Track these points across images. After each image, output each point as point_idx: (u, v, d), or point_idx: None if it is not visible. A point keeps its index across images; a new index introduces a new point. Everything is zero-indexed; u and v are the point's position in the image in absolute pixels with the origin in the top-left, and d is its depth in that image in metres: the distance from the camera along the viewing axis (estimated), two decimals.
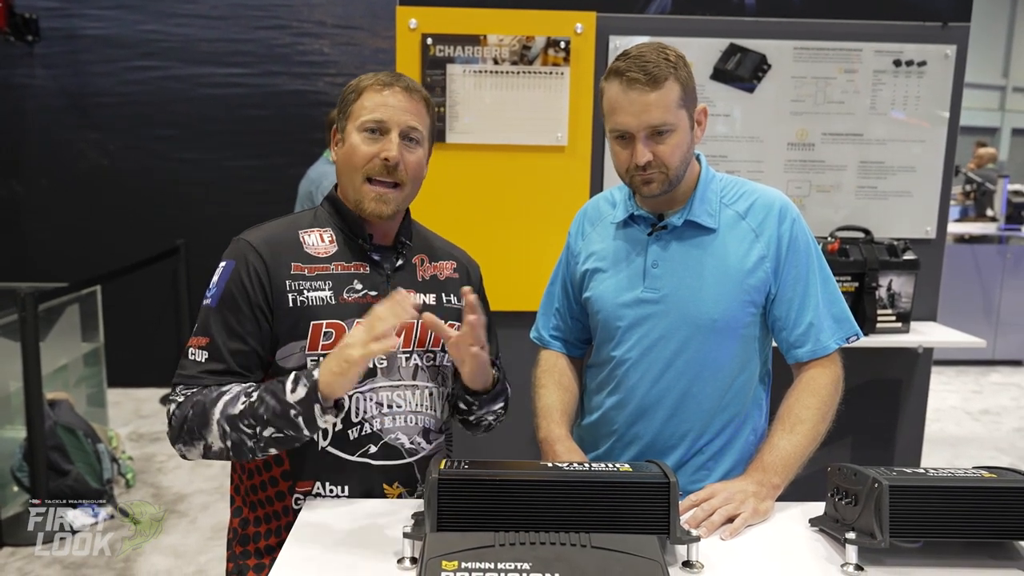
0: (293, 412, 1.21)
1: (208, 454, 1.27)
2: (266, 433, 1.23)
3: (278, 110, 4.88)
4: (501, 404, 1.51)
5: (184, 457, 1.31)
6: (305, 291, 1.33)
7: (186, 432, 1.27)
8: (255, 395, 1.24)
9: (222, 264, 1.35)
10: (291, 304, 1.32)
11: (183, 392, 1.30)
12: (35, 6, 4.73)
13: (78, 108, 4.86)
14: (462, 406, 1.48)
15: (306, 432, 1.23)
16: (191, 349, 1.33)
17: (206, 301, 1.34)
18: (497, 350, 1.59)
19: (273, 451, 1.27)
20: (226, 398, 1.25)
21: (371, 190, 1.34)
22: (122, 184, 4.90)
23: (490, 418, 1.52)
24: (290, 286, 1.32)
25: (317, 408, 1.21)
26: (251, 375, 1.32)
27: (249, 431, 1.23)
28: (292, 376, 1.24)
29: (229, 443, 1.25)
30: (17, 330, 3.04)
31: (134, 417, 4.54)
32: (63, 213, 4.92)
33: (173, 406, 1.30)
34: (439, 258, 1.49)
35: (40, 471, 3.09)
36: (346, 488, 1.36)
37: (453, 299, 1.47)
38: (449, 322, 1.44)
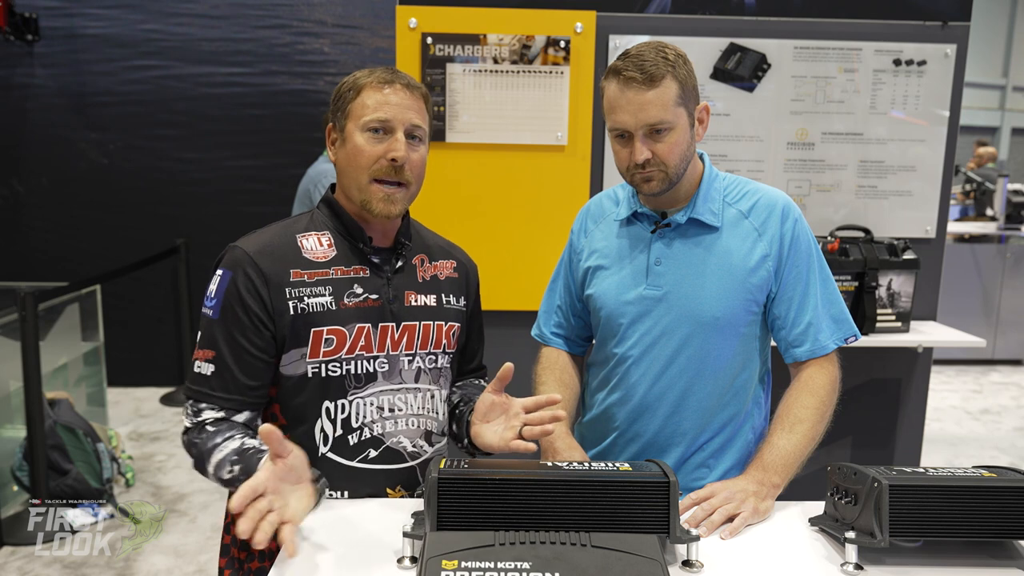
0: None
1: None
2: None
3: (278, 110, 4.88)
4: None
5: None
6: (305, 297, 1.31)
7: (197, 469, 1.29)
8: (237, 470, 1.21)
9: (219, 273, 1.32)
10: (292, 311, 1.30)
11: (191, 408, 1.30)
12: (35, 5, 4.73)
13: (78, 108, 4.86)
14: (456, 441, 1.46)
15: None
16: (198, 362, 1.31)
17: (207, 311, 1.32)
18: (482, 353, 1.59)
19: None
20: (217, 458, 1.23)
21: (379, 190, 1.31)
22: (122, 184, 4.90)
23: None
24: (290, 293, 1.30)
25: None
26: (258, 384, 1.31)
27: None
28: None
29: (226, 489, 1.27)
30: (17, 329, 3.04)
31: (134, 417, 4.54)
32: (63, 213, 4.92)
33: (183, 430, 1.30)
34: (438, 257, 1.48)
35: (40, 471, 3.09)
36: (346, 493, 1.36)
37: (452, 300, 1.46)
38: (449, 323, 1.44)
